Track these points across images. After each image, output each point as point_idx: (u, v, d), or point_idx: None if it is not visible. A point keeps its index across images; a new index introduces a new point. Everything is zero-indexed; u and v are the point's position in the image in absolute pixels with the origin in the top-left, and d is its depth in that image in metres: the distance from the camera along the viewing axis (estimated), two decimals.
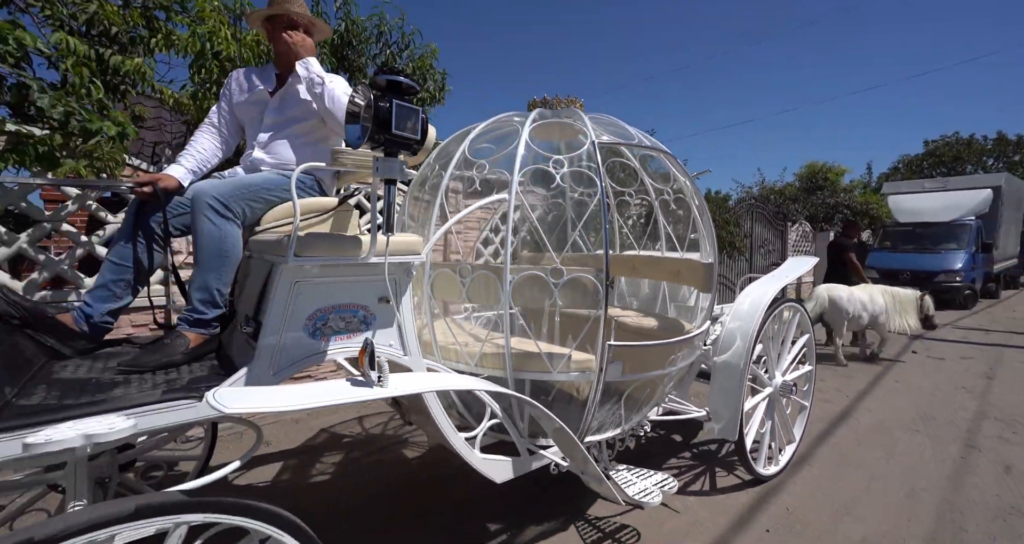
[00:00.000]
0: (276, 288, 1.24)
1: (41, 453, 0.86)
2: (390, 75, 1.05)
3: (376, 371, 1.06)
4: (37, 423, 0.94)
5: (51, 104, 2.16)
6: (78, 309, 1.48)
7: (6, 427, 0.90)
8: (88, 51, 2.35)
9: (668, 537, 2.12)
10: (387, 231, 1.17)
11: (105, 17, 2.47)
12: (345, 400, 1.01)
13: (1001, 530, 2.18)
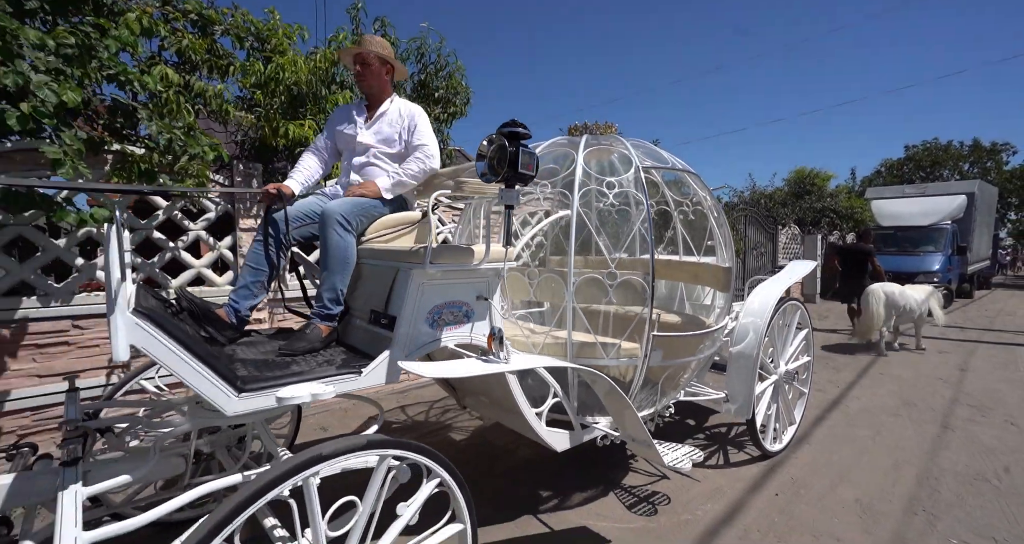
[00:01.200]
0: (408, 289, 1.57)
1: (285, 404, 1.19)
2: (514, 127, 1.40)
3: (504, 351, 1.41)
4: (273, 386, 1.26)
5: (157, 130, 2.46)
6: (229, 305, 1.79)
7: (260, 387, 1.23)
8: (181, 80, 2.65)
9: (693, 500, 2.49)
10: (507, 244, 1.52)
11: (192, 49, 2.76)
12: (490, 371, 1.36)
13: (968, 491, 2.60)
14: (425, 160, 2.09)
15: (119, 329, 1.05)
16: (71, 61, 2.27)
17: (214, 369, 1.20)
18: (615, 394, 1.79)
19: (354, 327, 1.87)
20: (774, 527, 2.26)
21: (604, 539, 2.15)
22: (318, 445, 1.10)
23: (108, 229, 1.02)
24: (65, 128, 2.20)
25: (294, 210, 1.96)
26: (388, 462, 1.20)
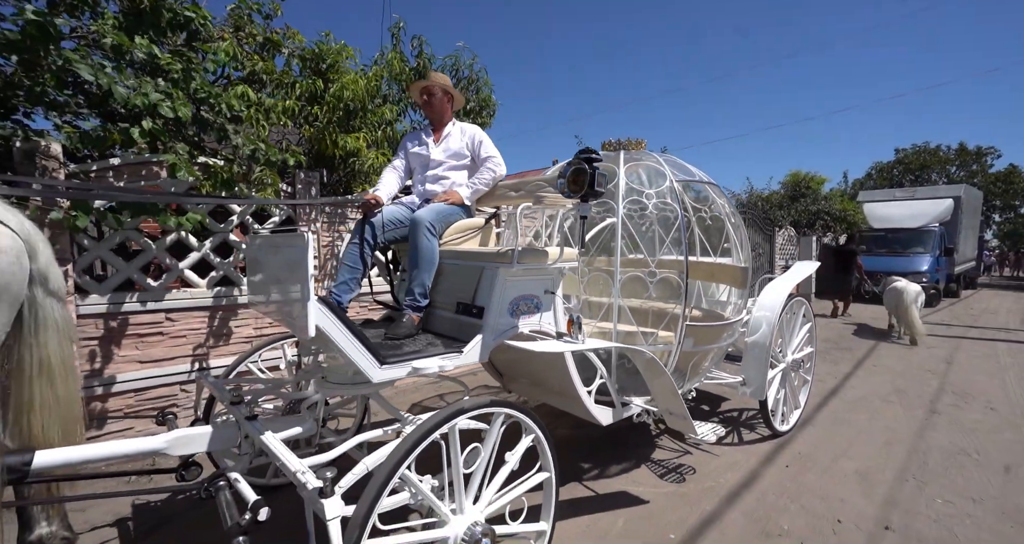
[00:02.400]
0: (495, 284, 1.91)
1: (419, 374, 1.52)
2: (589, 154, 1.74)
3: (581, 334, 1.75)
4: (405, 360, 1.60)
5: (243, 143, 2.78)
6: (333, 299, 2.11)
7: (396, 361, 1.56)
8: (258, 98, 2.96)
9: (715, 471, 2.84)
10: (582, 247, 1.86)
11: (264, 72, 3.08)
12: (572, 350, 1.70)
13: (952, 464, 2.98)
14: (495, 169, 2.43)
15: (310, 313, 1.37)
16: (176, 84, 2.59)
17: (366, 345, 1.53)
18: (656, 369, 2.14)
19: (437, 317, 2.20)
20: (787, 491, 2.62)
21: (643, 500, 2.50)
22: (458, 402, 1.43)
23: (307, 237, 1.34)
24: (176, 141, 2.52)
25: (382, 217, 2.29)
26: (502, 418, 1.53)
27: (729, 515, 2.39)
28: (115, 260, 2.77)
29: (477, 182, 2.43)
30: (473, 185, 2.42)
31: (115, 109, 2.75)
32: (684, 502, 2.50)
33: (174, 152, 2.52)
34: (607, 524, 2.29)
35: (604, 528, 2.26)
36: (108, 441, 1.42)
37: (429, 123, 2.61)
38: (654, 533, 2.23)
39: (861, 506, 2.48)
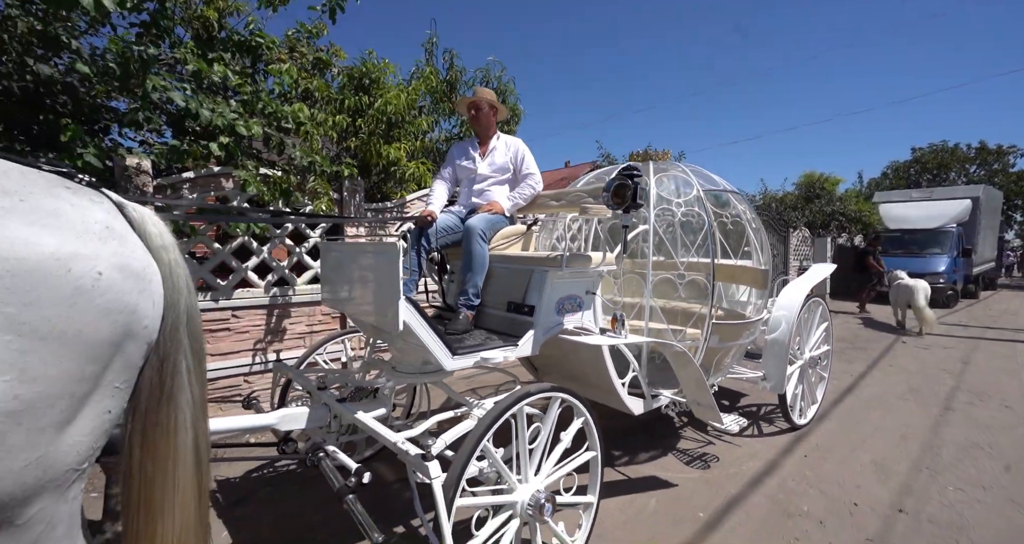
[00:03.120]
0: (544, 285, 2.14)
1: (489, 364, 1.77)
2: (631, 170, 1.97)
3: (625, 330, 1.98)
4: (471, 352, 1.84)
5: (301, 156, 3.06)
6: None
7: (464, 353, 1.81)
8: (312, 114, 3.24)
9: (737, 459, 3.05)
10: (623, 252, 2.08)
11: (316, 89, 3.36)
12: (617, 343, 1.93)
13: (965, 456, 3.14)
14: (534, 186, 2.66)
15: (401, 310, 1.63)
16: (246, 104, 2.87)
17: (442, 339, 1.78)
18: (686, 361, 2.36)
19: (487, 315, 2.44)
20: (806, 478, 2.82)
21: (672, 484, 2.72)
22: (524, 386, 1.68)
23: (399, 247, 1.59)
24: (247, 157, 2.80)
25: (436, 226, 2.54)
26: (559, 402, 1.77)
27: (752, 498, 2.59)
28: (191, 263, 3.07)
29: (517, 197, 2.66)
30: (513, 199, 2.66)
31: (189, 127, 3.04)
32: (710, 486, 2.71)
33: (244, 168, 2.80)
34: (641, 504, 2.51)
35: (639, 507, 2.48)
36: (232, 416, 1.69)
37: (475, 135, 2.85)
38: (684, 512, 2.45)
39: (876, 492, 2.67)
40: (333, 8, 3.45)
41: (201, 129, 2.96)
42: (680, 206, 2.70)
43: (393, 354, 2.22)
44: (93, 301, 0.85)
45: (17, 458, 0.77)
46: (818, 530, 2.31)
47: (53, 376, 0.80)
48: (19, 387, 0.76)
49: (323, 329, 3.75)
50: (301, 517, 2.37)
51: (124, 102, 2.89)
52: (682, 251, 3.10)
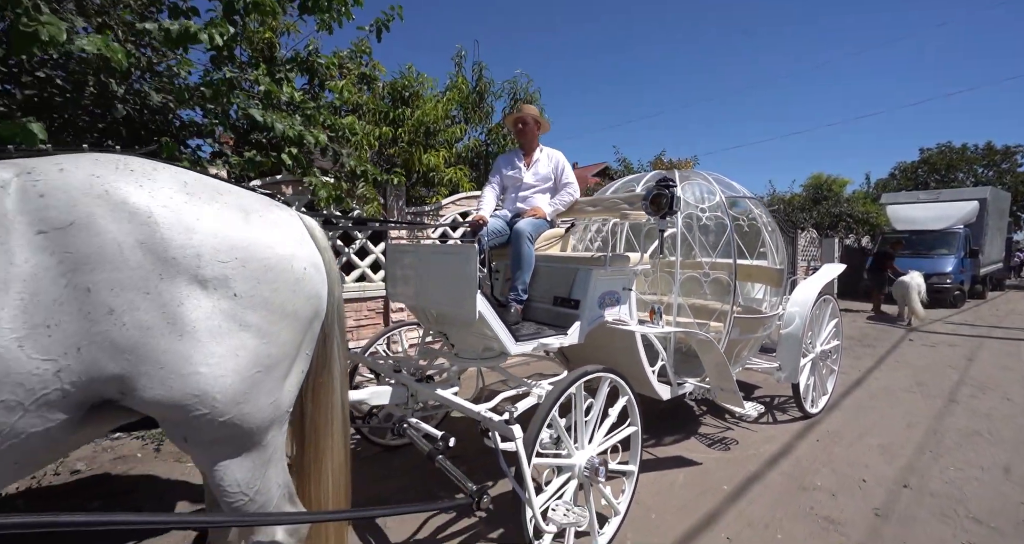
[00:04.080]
0: (589, 282, 2.44)
1: (547, 349, 2.06)
2: (667, 181, 2.26)
3: (662, 321, 2.27)
4: (531, 339, 2.14)
5: (355, 164, 3.37)
6: None
7: (525, 340, 2.11)
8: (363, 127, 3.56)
9: (755, 443, 3.32)
10: (660, 253, 2.37)
11: (365, 103, 3.68)
12: (656, 332, 2.22)
13: (966, 441, 3.40)
14: (573, 194, 2.96)
15: (478, 302, 1.92)
16: (309, 118, 3.19)
17: (507, 327, 2.08)
18: (712, 348, 2.65)
19: (533, 308, 2.73)
20: (818, 458, 3.09)
21: (696, 462, 3.00)
22: (580, 368, 1.97)
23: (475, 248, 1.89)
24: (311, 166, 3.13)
25: (487, 229, 2.83)
26: (608, 381, 2.07)
27: (770, 475, 2.87)
28: None
29: (558, 203, 2.96)
30: (554, 205, 2.95)
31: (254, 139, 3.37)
32: (731, 464, 2.99)
33: (313, 175, 3.12)
34: (671, 478, 2.80)
35: (669, 481, 2.77)
36: None
37: (520, 147, 3.15)
38: (709, 485, 2.73)
39: (883, 470, 2.94)
40: (379, 28, 3.76)
41: (267, 141, 3.28)
42: (704, 211, 2.99)
43: (455, 343, 2.52)
44: (304, 289, 1.16)
45: (267, 398, 1.08)
46: (830, 501, 2.59)
47: (285, 341, 1.11)
48: (270, 348, 1.07)
49: (369, 324, 4.06)
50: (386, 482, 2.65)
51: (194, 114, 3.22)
52: (704, 252, 3.38)
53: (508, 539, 2.17)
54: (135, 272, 0.92)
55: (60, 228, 0.87)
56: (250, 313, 1.04)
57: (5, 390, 0.81)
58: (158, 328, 0.93)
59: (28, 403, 0.84)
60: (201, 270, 0.98)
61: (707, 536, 2.26)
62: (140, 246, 0.92)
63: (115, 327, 0.90)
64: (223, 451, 1.07)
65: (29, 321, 0.83)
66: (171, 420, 1.01)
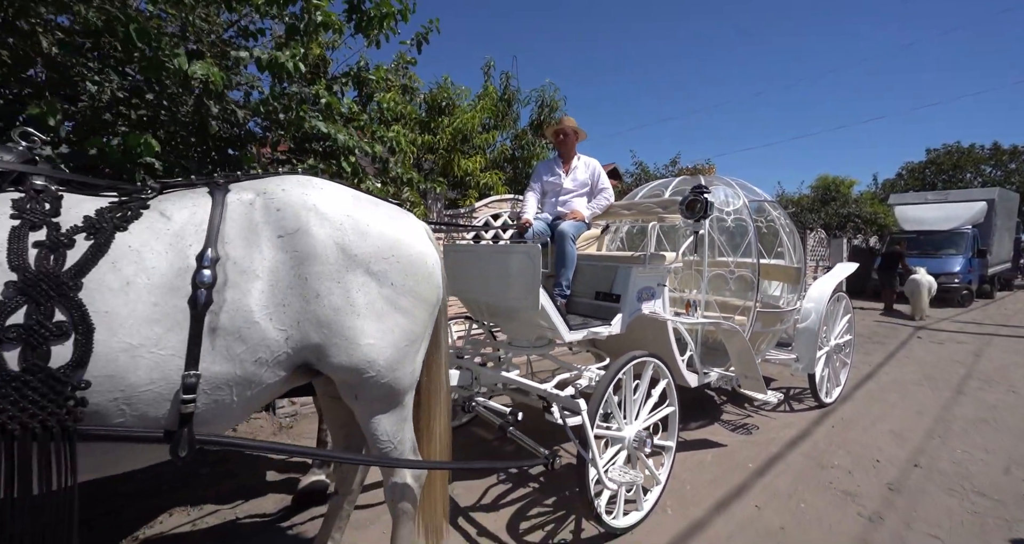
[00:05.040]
0: (629, 279, 2.71)
1: (596, 335, 2.34)
2: (702, 188, 2.54)
3: (697, 313, 2.54)
4: (582, 328, 2.42)
5: (402, 172, 3.67)
6: None
7: (577, 328, 2.38)
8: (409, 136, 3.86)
9: (774, 430, 3.58)
10: (695, 252, 2.65)
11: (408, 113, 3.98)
12: (692, 323, 2.49)
13: (972, 428, 3.64)
14: (608, 199, 3.24)
15: (541, 296, 2.21)
16: (362, 129, 3.49)
17: (562, 317, 2.36)
18: (738, 338, 2.91)
19: (576, 302, 3.01)
20: (834, 442, 3.35)
21: (722, 444, 3.27)
22: (628, 353, 2.25)
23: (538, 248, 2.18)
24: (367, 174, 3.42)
25: (532, 231, 3.12)
26: (652, 365, 2.34)
27: (791, 455, 3.14)
28: None
29: (595, 207, 3.24)
30: (592, 208, 3.23)
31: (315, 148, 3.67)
32: (754, 446, 3.26)
33: (369, 181, 3.42)
34: (700, 457, 3.07)
35: (699, 460, 3.04)
36: None
37: (559, 155, 3.43)
38: (736, 463, 3.00)
39: (895, 452, 3.19)
40: (419, 42, 4.06)
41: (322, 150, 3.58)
42: (729, 214, 3.26)
43: (508, 333, 2.80)
44: (432, 280, 1.45)
45: (409, 367, 1.38)
46: (847, 477, 2.85)
47: (422, 322, 1.40)
48: (413, 326, 1.36)
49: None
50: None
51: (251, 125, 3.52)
52: (726, 252, 3.65)
53: (559, 505, 2.45)
54: (332, 266, 1.21)
55: (291, 233, 1.17)
56: (402, 298, 1.33)
57: (260, 350, 1.10)
58: (344, 309, 1.22)
59: (270, 361, 1.13)
60: (372, 265, 1.27)
61: (738, 504, 2.53)
62: (336, 246, 1.22)
63: (320, 307, 1.19)
64: (379, 407, 1.36)
65: (273, 301, 1.13)
66: (347, 381, 1.30)
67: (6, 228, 0.91)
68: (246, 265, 1.11)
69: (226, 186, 1.21)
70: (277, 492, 2.52)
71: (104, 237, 0.97)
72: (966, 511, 2.50)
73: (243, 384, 1.11)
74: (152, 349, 0.97)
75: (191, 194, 1.17)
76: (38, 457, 0.86)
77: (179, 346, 1.00)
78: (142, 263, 1.00)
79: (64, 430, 0.88)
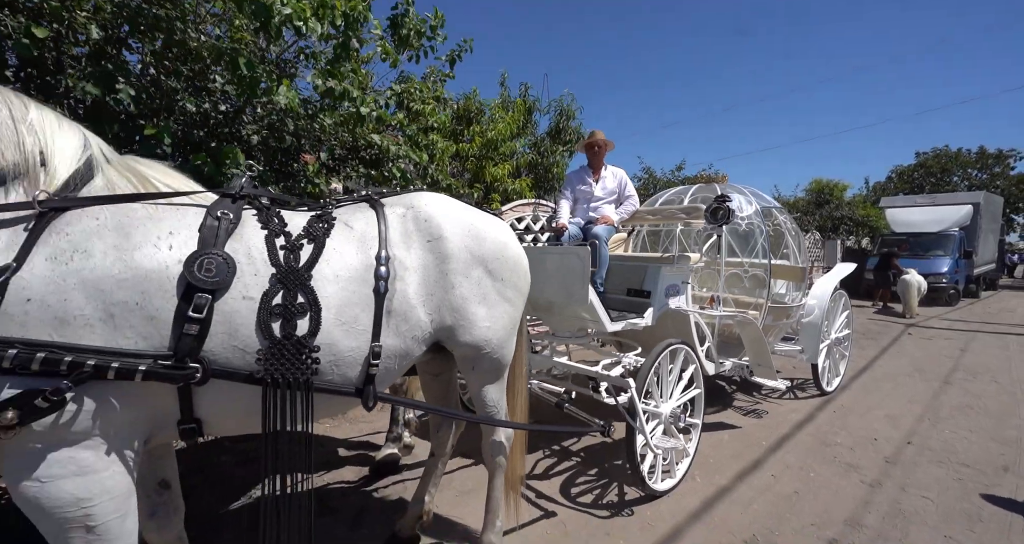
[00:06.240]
0: (658, 277, 3.06)
1: (634, 326, 2.70)
2: (724, 197, 2.89)
3: (720, 307, 2.90)
4: (621, 320, 2.77)
5: (442, 179, 4.00)
6: None
7: (618, 319, 2.73)
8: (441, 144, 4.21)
9: (782, 415, 3.95)
10: (718, 254, 3.00)
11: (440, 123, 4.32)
12: (714, 315, 2.85)
13: (959, 413, 4.04)
14: (634, 204, 3.59)
15: (589, 291, 2.55)
16: (411, 139, 3.82)
17: (605, 308, 2.70)
18: (753, 328, 3.27)
19: (608, 298, 3.35)
20: (836, 424, 3.72)
21: (737, 426, 3.63)
22: (665, 340, 2.59)
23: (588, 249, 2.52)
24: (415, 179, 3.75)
25: (567, 234, 3.46)
26: (684, 351, 2.69)
27: (799, 435, 3.50)
28: None
29: (623, 212, 3.59)
30: (620, 214, 3.58)
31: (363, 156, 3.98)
32: (765, 428, 3.62)
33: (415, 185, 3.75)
34: (719, 437, 3.43)
35: (717, 440, 3.40)
36: None
37: (589, 165, 3.77)
38: (751, 441, 3.36)
39: (890, 433, 3.58)
40: (453, 59, 4.39)
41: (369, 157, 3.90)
42: (743, 219, 3.63)
43: (551, 325, 3.14)
44: (527, 276, 1.79)
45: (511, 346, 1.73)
46: (849, 452, 3.22)
47: (520, 309, 1.74)
48: (515, 313, 1.71)
49: None
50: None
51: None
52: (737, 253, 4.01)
53: (601, 475, 2.79)
54: (462, 264, 1.54)
55: (436, 239, 1.50)
56: (508, 290, 1.66)
57: (416, 329, 1.43)
58: (470, 298, 1.55)
59: (420, 338, 1.46)
60: (488, 263, 1.61)
61: (756, 474, 2.89)
62: (465, 248, 1.55)
63: (453, 297, 1.52)
64: (489, 378, 1.70)
65: (424, 290, 1.46)
66: (467, 356, 1.63)
67: (260, 236, 1.23)
68: (406, 263, 1.44)
69: (379, 201, 1.54)
70: (352, 465, 2.84)
71: (319, 242, 1.30)
72: (952, 479, 2.88)
73: (402, 355, 1.44)
74: (353, 325, 1.30)
75: (359, 208, 1.50)
76: (290, 402, 1.19)
77: (368, 323, 1.33)
78: (343, 261, 1.33)
79: (306, 382, 1.20)
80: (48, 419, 0.95)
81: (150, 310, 1.05)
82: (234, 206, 1.25)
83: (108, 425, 1.03)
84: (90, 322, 0.99)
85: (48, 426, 0.95)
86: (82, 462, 1.00)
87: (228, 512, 2.33)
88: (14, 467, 0.96)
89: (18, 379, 0.91)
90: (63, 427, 0.97)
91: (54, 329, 0.96)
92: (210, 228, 1.16)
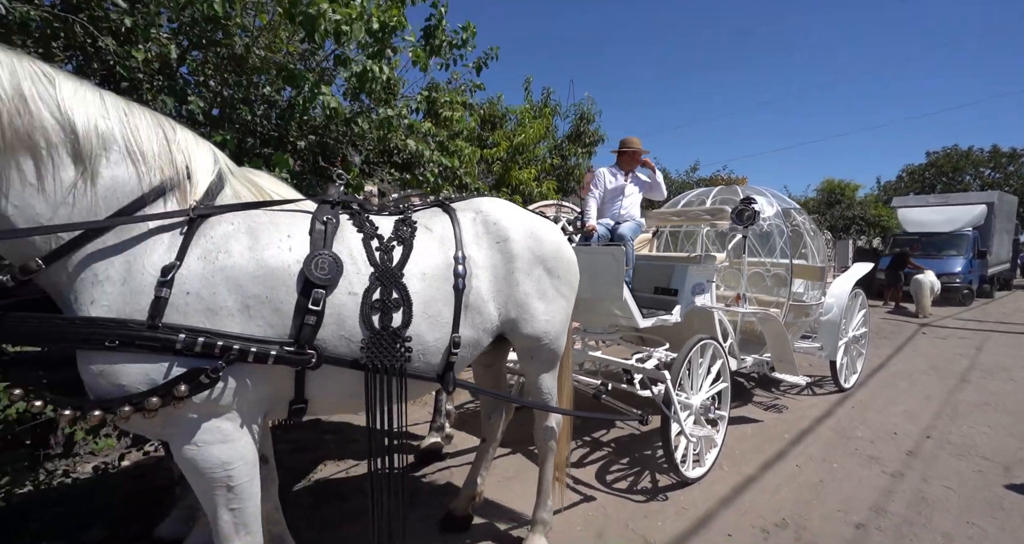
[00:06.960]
0: (685, 276, 3.19)
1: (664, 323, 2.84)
2: (750, 201, 3.02)
3: (745, 304, 3.03)
4: (651, 317, 2.91)
5: (470, 183, 4.16)
6: None
7: (648, 317, 2.87)
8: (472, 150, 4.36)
9: (801, 408, 4.07)
10: (742, 255, 3.13)
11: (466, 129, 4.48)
12: (739, 311, 2.98)
13: (977, 409, 4.13)
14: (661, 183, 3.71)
15: (623, 289, 2.69)
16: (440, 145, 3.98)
17: (638, 307, 2.85)
18: (775, 324, 3.40)
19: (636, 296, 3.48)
20: (855, 419, 3.83)
21: (758, 420, 3.75)
22: (696, 335, 2.73)
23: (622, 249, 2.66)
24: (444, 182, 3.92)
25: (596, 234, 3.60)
26: (713, 346, 2.83)
27: (819, 429, 3.62)
28: None
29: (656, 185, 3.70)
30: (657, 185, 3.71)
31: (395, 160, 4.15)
32: (785, 422, 3.74)
33: (446, 190, 3.91)
34: (742, 430, 3.56)
35: (740, 432, 3.52)
36: None
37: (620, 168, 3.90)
38: (773, 434, 3.48)
39: (909, 428, 3.68)
40: (479, 66, 4.54)
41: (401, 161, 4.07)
42: (765, 220, 3.75)
43: (582, 322, 3.29)
44: (577, 275, 1.94)
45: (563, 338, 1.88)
46: (870, 446, 3.34)
47: (572, 304, 1.89)
48: (568, 309, 1.86)
49: None
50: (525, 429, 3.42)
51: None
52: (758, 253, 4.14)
53: (633, 464, 2.93)
54: (526, 263, 1.69)
55: (504, 240, 1.65)
56: (564, 287, 1.81)
57: (486, 322, 1.59)
58: (532, 294, 1.71)
59: (489, 330, 1.61)
60: (547, 262, 1.76)
61: (781, 464, 3.02)
62: (528, 249, 1.70)
63: (518, 293, 1.67)
64: (545, 367, 1.85)
65: (493, 287, 1.61)
66: (527, 347, 1.79)
67: (358, 239, 1.39)
68: (479, 262, 1.59)
69: (449, 206, 1.70)
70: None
71: (407, 244, 1.46)
72: (972, 470, 2.98)
73: (474, 345, 1.59)
74: (438, 318, 1.45)
75: (434, 213, 1.66)
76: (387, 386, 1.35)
77: (449, 317, 1.48)
78: (428, 260, 1.48)
79: (400, 369, 1.36)
80: (204, 394, 1.11)
81: (276, 303, 1.21)
82: (333, 211, 1.41)
83: (243, 401, 1.20)
84: (231, 313, 1.16)
85: (204, 400, 1.12)
86: (225, 431, 1.16)
87: (291, 493, 2.50)
88: (179, 433, 1.13)
89: (186, 359, 1.08)
90: (213, 402, 1.14)
91: (206, 318, 1.12)
92: (319, 232, 1.32)
